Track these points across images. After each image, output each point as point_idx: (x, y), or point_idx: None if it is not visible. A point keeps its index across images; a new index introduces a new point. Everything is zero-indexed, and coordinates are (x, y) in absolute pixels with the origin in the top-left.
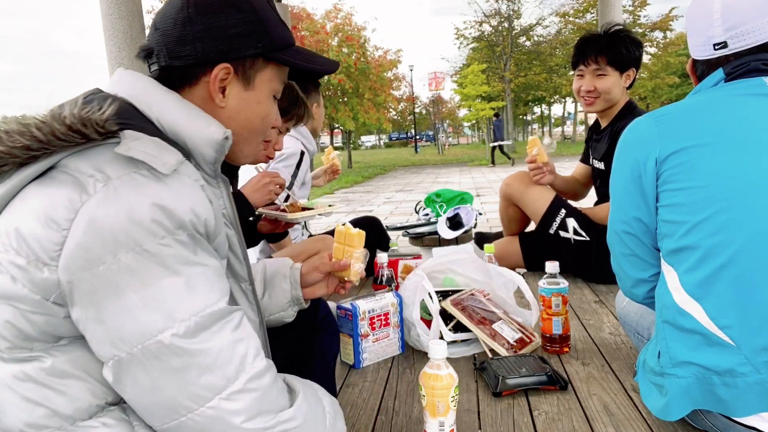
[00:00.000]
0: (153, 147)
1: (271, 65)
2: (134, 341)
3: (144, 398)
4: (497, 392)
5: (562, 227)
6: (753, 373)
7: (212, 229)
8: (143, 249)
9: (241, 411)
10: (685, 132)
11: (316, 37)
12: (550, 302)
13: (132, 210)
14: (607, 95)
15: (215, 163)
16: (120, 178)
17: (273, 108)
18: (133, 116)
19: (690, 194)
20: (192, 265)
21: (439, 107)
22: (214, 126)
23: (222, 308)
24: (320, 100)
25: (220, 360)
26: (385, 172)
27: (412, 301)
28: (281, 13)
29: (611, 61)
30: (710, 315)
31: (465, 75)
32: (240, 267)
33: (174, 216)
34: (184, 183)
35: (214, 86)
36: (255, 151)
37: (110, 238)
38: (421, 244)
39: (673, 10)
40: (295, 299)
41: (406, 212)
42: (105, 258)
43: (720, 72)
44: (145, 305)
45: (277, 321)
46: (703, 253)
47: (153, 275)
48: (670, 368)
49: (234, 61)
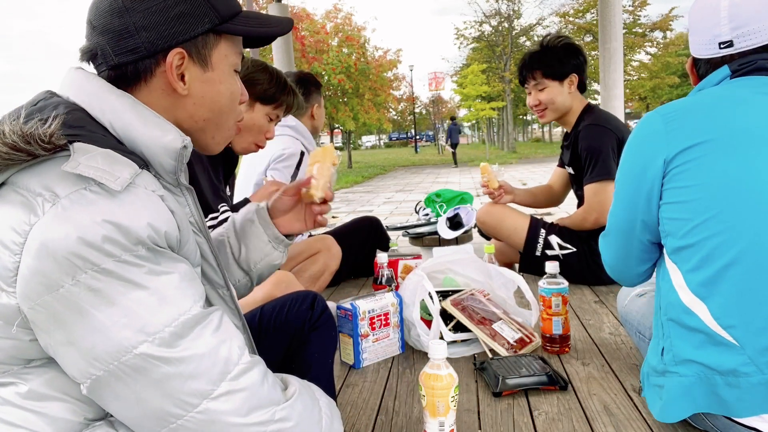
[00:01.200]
0: (104, 161)
1: (224, 39)
2: (109, 359)
3: (130, 412)
4: (497, 392)
5: (547, 247)
6: (756, 374)
7: (175, 239)
8: (101, 268)
9: (232, 411)
10: (693, 129)
11: (316, 37)
12: (550, 302)
13: (82, 230)
14: (552, 105)
15: (175, 173)
16: (68, 196)
17: (236, 84)
18: (86, 125)
19: (695, 192)
20: (157, 275)
21: (439, 107)
22: (171, 134)
23: (196, 314)
24: (321, 100)
25: (203, 365)
26: (385, 172)
27: (412, 301)
28: (281, 13)
29: (546, 74)
30: (714, 315)
31: (465, 75)
32: (214, 273)
33: (129, 233)
34: (139, 196)
35: (173, 75)
36: (228, 135)
37: (64, 261)
38: (421, 244)
39: (673, 10)
40: (272, 237)
41: (406, 212)
42: (63, 281)
43: (725, 69)
44: (114, 323)
45: (267, 266)
46: (708, 252)
47: (117, 292)
48: (673, 366)
49: (185, 44)
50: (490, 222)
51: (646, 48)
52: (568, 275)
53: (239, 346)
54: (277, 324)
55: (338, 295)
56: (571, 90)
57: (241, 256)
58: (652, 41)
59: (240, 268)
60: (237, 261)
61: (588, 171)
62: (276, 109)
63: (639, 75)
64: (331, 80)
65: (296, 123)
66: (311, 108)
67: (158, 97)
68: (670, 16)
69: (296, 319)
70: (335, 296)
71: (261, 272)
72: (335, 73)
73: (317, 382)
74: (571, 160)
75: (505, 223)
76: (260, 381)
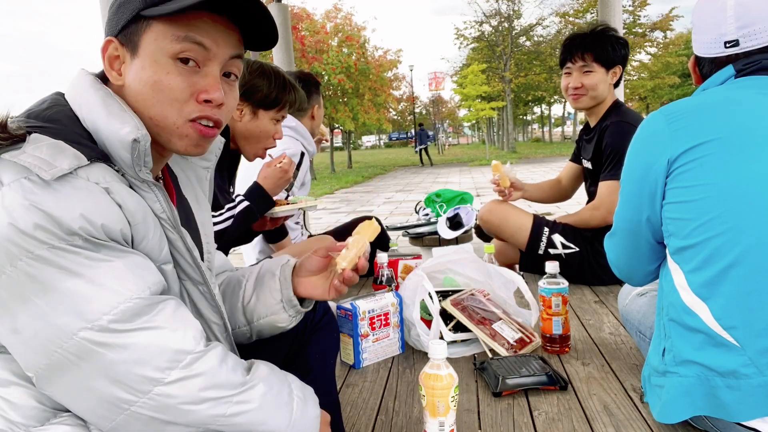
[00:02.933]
0: (49, 151)
1: (155, 23)
2: (52, 346)
3: (81, 402)
4: (497, 392)
5: (550, 245)
6: (757, 375)
7: (119, 232)
8: (36, 255)
9: (186, 395)
10: (696, 130)
11: (316, 37)
12: (550, 302)
13: (14, 217)
14: (593, 91)
15: (134, 166)
16: (9, 184)
17: (164, 73)
18: (62, 118)
19: (698, 192)
20: (96, 263)
21: (439, 107)
22: (128, 127)
23: (139, 302)
24: (320, 101)
25: (149, 353)
26: (385, 172)
27: (412, 301)
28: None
29: (597, 57)
30: (715, 315)
31: (465, 75)
32: (192, 270)
33: (61, 223)
34: (76, 187)
35: (105, 62)
36: (179, 135)
37: (2, 246)
38: (421, 244)
39: (673, 10)
40: (286, 299)
41: (406, 212)
42: (4, 266)
43: (729, 69)
44: (53, 309)
45: (269, 326)
46: (710, 252)
47: (54, 279)
48: (674, 366)
49: (121, 33)
50: (493, 220)
51: (646, 48)
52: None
53: (194, 335)
54: None
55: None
56: (612, 80)
57: (248, 305)
58: (652, 41)
59: (243, 316)
60: (243, 307)
61: (608, 167)
62: (280, 111)
63: (639, 75)
64: (331, 80)
65: (296, 123)
66: (311, 108)
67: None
68: (670, 16)
69: None
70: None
71: (261, 329)
72: (335, 73)
73: (319, 383)
74: (593, 155)
75: (509, 221)
76: (217, 365)
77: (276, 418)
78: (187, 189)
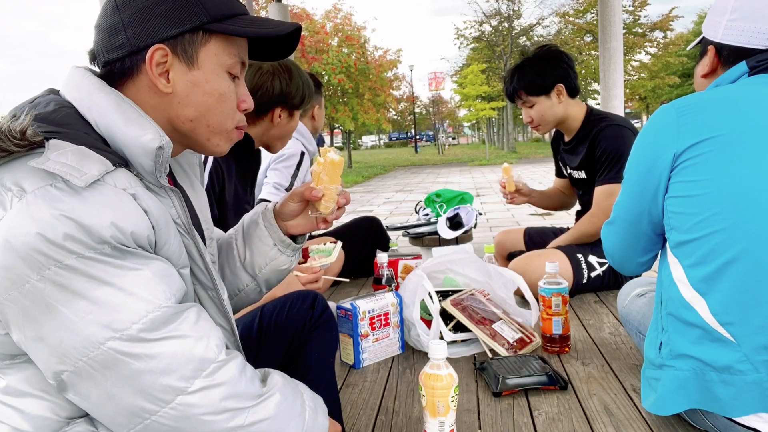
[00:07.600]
0: (75, 157)
1: (215, 38)
2: (78, 355)
3: (103, 409)
4: (497, 392)
5: (590, 269)
6: (752, 372)
7: (146, 239)
8: (64, 264)
9: (208, 405)
10: (704, 125)
11: (316, 37)
12: (550, 302)
13: (42, 227)
14: (544, 119)
15: (155, 173)
16: (34, 192)
17: (226, 85)
18: (73, 122)
19: (701, 187)
20: (125, 272)
21: (439, 107)
22: (150, 134)
23: (167, 311)
24: (321, 101)
25: (175, 362)
26: (385, 172)
27: (412, 301)
28: (281, 13)
29: (529, 91)
30: (713, 311)
31: (465, 75)
32: (203, 275)
33: (92, 231)
34: (105, 194)
35: (153, 71)
36: (226, 138)
37: (28, 256)
38: (421, 244)
39: (673, 10)
40: (278, 241)
41: (406, 212)
42: (29, 276)
43: (742, 66)
44: (81, 318)
45: (274, 272)
46: (710, 248)
47: (83, 288)
48: (670, 360)
49: (169, 41)
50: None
51: (646, 48)
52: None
53: (216, 344)
54: (278, 324)
55: (338, 295)
56: (561, 100)
57: (246, 260)
58: (652, 41)
59: (246, 273)
60: (243, 265)
61: (605, 171)
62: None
63: (639, 75)
64: (331, 80)
65: None
66: (312, 109)
67: (146, 95)
68: (670, 16)
69: (297, 319)
70: (335, 296)
71: (268, 277)
72: (335, 73)
73: (318, 382)
74: (586, 164)
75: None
76: (238, 375)
77: (289, 428)
78: (182, 177)
